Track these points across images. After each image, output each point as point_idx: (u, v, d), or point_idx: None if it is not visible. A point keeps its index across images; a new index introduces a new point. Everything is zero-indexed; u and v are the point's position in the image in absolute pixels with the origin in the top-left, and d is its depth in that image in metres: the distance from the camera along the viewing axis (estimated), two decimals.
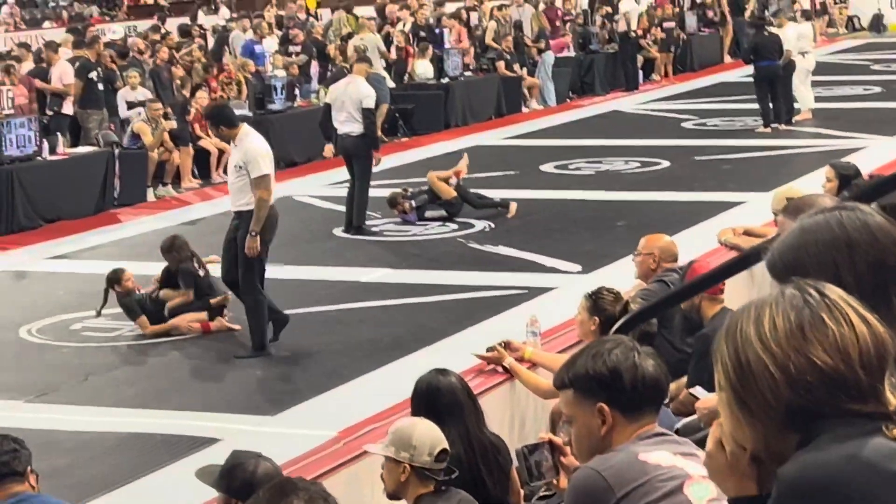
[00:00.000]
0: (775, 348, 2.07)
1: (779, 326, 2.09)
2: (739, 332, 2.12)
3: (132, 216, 17.97)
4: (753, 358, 2.08)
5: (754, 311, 2.13)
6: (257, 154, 11.67)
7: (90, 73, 20.19)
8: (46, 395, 10.78)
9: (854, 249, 2.37)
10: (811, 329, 2.08)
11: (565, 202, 17.24)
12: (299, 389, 10.56)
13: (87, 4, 38.55)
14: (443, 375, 6.75)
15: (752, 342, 2.09)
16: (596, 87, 28.04)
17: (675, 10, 31.45)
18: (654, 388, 3.55)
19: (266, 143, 12.10)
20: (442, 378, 6.71)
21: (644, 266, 8.93)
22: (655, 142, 21.42)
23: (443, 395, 6.60)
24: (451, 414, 6.52)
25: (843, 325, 2.07)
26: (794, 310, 2.10)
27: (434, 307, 12.70)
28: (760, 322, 2.10)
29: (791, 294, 2.13)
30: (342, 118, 15.97)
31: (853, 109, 24.00)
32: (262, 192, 11.55)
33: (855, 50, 34.32)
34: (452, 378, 6.73)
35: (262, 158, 11.66)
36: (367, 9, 30.52)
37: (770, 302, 2.13)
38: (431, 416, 6.24)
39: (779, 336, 2.08)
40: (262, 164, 11.61)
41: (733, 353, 2.11)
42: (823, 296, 2.11)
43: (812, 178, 16.05)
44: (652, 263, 8.84)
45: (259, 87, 21.29)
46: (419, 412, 6.51)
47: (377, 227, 16.31)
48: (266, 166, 11.63)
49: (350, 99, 15.95)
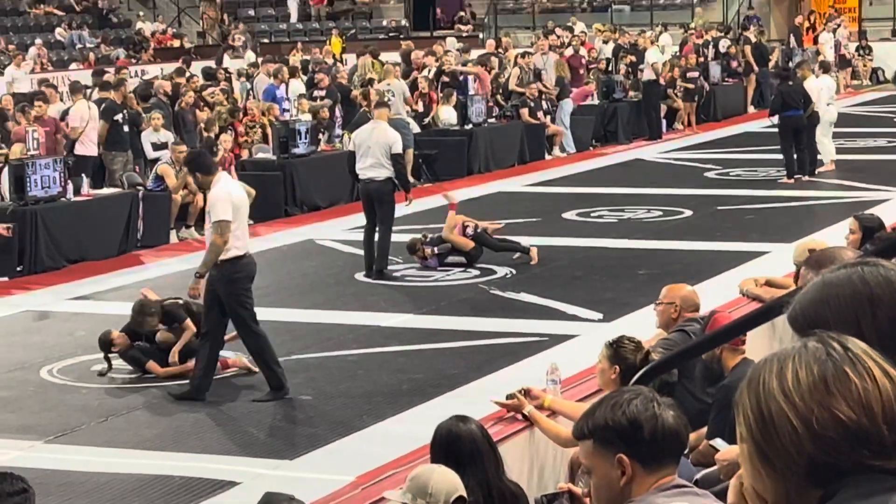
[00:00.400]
0: (798, 401, 2.06)
1: (802, 379, 2.07)
2: (762, 384, 2.10)
3: (155, 258, 18.03)
4: (776, 410, 2.07)
5: (777, 363, 2.11)
6: (217, 199, 11.53)
7: (116, 115, 20.29)
8: (66, 435, 10.79)
9: (876, 305, 2.36)
10: (835, 382, 2.06)
11: (587, 250, 17.23)
12: (318, 433, 10.55)
13: (114, 47, 38.79)
14: (463, 422, 6.73)
15: (775, 395, 2.07)
16: (619, 136, 28.08)
17: (699, 60, 31.49)
18: (673, 440, 3.54)
19: (234, 190, 11.79)
20: (462, 425, 6.69)
21: (665, 315, 8.91)
22: (678, 191, 21.42)
23: (463, 443, 6.58)
24: (470, 461, 6.50)
25: (866, 380, 2.06)
26: (818, 363, 2.08)
27: (455, 353, 12.69)
28: (783, 374, 2.09)
29: (814, 347, 2.11)
30: (368, 163, 15.99)
31: (876, 162, 23.97)
32: (216, 236, 11.44)
33: (879, 102, 34.31)
34: (472, 425, 6.71)
35: (221, 203, 11.47)
36: (391, 54, 30.65)
37: (793, 354, 2.11)
38: (451, 464, 6.23)
39: (802, 389, 2.06)
40: (219, 208, 11.46)
41: (755, 405, 2.10)
42: (847, 349, 2.10)
43: (834, 229, 16.03)
44: (673, 313, 8.83)
45: (283, 131, 21.36)
46: (439, 459, 6.49)
47: (399, 273, 16.32)
48: (224, 212, 11.42)
49: (377, 144, 15.99)
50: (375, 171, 16.00)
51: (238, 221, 11.56)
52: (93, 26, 40.55)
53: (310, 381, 11.95)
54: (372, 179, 16.05)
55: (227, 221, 11.41)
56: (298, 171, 20.99)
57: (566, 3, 43.04)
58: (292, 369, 12.36)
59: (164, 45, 40.03)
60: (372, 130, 16.25)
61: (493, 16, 43.14)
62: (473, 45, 33.39)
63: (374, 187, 16.06)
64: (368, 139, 16.10)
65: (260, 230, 19.81)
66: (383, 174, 15.98)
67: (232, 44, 37.47)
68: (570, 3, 43.10)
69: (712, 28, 36.21)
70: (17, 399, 11.78)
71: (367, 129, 16.44)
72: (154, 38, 40.21)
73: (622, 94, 28.72)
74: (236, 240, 11.53)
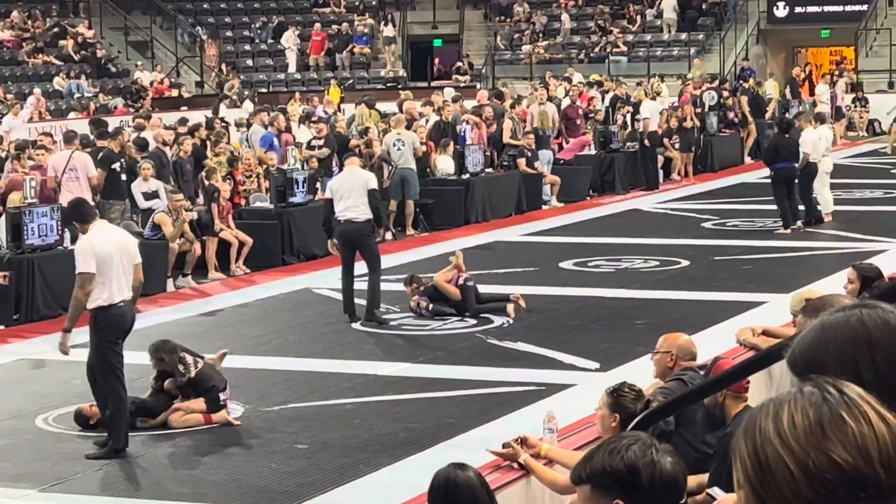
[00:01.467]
0: (794, 445, 2.06)
1: (798, 423, 2.07)
2: (758, 429, 2.10)
3: (152, 306, 18.00)
4: (772, 455, 2.07)
5: (773, 407, 2.11)
6: (78, 251, 11.47)
7: (113, 164, 20.28)
8: (61, 483, 10.75)
9: (875, 347, 2.36)
10: (831, 426, 2.06)
11: (584, 299, 17.24)
12: (314, 482, 10.51)
13: (112, 96, 38.91)
14: (461, 470, 6.68)
15: (771, 439, 2.07)
16: (616, 186, 28.13)
17: (695, 111, 31.62)
18: (671, 487, 3.52)
19: (100, 241, 11.48)
20: (460, 473, 6.64)
21: (662, 364, 8.89)
22: (675, 241, 21.45)
23: (461, 491, 6.53)
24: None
25: (862, 424, 2.06)
26: (813, 407, 2.08)
27: (451, 402, 12.67)
28: (779, 419, 2.09)
29: (809, 391, 2.11)
30: (347, 204, 16.14)
31: (873, 213, 24.03)
32: (76, 289, 11.34)
33: (875, 154, 34.41)
34: (471, 473, 6.67)
35: (82, 255, 11.33)
36: (389, 104, 30.74)
37: (789, 399, 2.11)
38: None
39: (798, 433, 2.06)
40: (79, 261, 11.34)
41: (752, 450, 2.10)
42: (843, 393, 2.10)
43: (831, 280, 16.04)
44: (669, 362, 8.81)
45: (280, 179, 21.40)
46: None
47: (395, 321, 16.30)
48: (83, 264, 11.28)
49: (355, 186, 16.21)
50: (354, 213, 16.13)
51: (106, 272, 11.29)
52: (91, 76, 40.69)
53: (306, 430, 11.93)
54: (351, 221, 16.15)
55: (87, 273, 11.24)
56: (296, 220, 21.01)
57: (563, 54, 43.23)
58: (289, 418, 12.35)
59: (162, 94, 40.15)
60: (348, 175, 16.48)
61: (491, 66, 43.32)
62: (470, 96, 33.49)
63: (354, 228, 16.16)
64: (346, 183, 16.34)
65: (257, 279, 19.83)
66: (363, 215, 16.11)
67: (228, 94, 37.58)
68: (568, 53, 43.29)
69: (708, 80, 36.36)
70: (13, 447, 11.75)
71: (343, 176, 16.75)
72: (152, 87, 40.34)
73: (619, 144, 28.80)
74: (103, 290, 11.29)
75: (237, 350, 15.29)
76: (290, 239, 20.95)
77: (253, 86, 42.57)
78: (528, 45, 43.86)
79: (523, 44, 44.21)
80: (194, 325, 16.86)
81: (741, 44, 42.53)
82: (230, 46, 46.10)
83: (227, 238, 20.12)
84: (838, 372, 2.27)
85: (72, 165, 19.73)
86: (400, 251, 21.09)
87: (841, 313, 2.43)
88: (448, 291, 16.46)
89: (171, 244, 18.99)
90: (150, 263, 18.67)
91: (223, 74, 43.54)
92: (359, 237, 16.17)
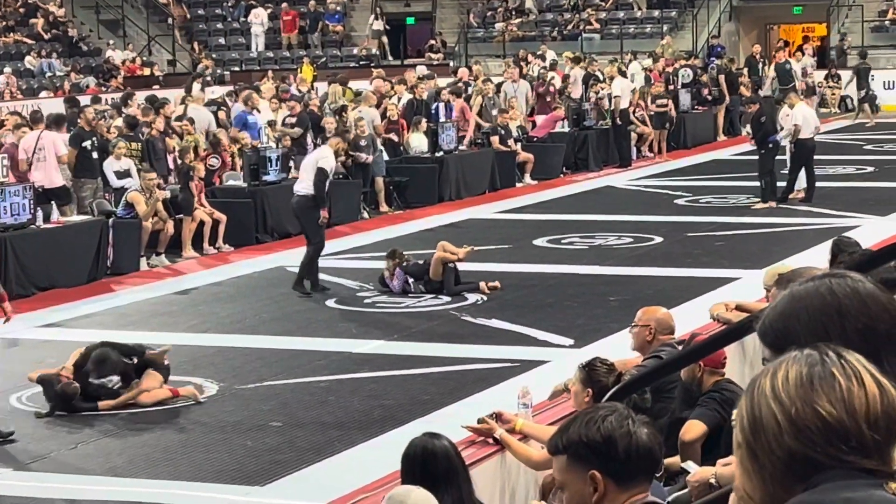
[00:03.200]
0: (784, 398, 2.13)
1: (790, 378, 2.15)
2: (756, 387, 2.18)
3: (125, 285, 17.98)
4: (765, 407, 2.15)
5: (772, 368, 2.19)
6: None
7: (83, 142, 20.19)
8: (36, 462, 10.74)
9: (844, 316, 2.38)
10: (820, 382, 2.13)
11: (558, 276, 17.27)
12: (289, 460, 10.53)
13: (84, 75, 38.72)
14: (437, 439, 6.67)
15: (766, 394, 2.15)
16: (590, 163, 28.15)
17: (668, 88, 31.64)
18: (647, 457, 3.55)
19: None
20: (437, 442, 6.63)
21: (640, 338, 8.89)
22: (649, 218, 21.49)
23: (439, 460, 6.51)
24: (446, 480, 6.42)
25: (853, 381, 2.13)
26: (808, 366, 2.15)
27: (426, 379, 12.69)
28: (775, 376, 2.17)
29: (808, 353, 2.19)
30: (298, 179, 17.10)
31: (846, 189, 24.11)
32: None
33: (847, 130, 34.52)
34: (445, 442, 6.67)
35: None
36: (362, 82, 30.67)
37: (787, 359, 2.19)
38: (426, 482, 6.17)
39: (788, 386, 2.14)
40: None
41: (749, 406, 2.18)
42: (841, 356, 2.17)
43: (805, 256, 16.12)
44: (648, 335, 8.82)
45: (254, 158, 21.35)
46: (412, 477, 6.42)
47: (370, 300, 16.32)
48: None
49: (308, 163, 16.84)
50: (299, 187, 16.85)
51: None
52: (63, 54, 40.49)
53: (281, 408, 11.94)
54: (295, 194, 16.90)
55: None
56: (269, 199, 20.98)
57: (536, 32, 43.19)
58: (263, 396, 12.36)
59: (134, 73, 39.98)
60: (312, 152, 17.23)
61: (464, 44, 43.25)
62: (444, 74, 33.42)
63: (295, 201, 16.90)
64: (306, 159, 17.19)
65: (230, 257, 19.81)
66: (305, 190, 16.66)
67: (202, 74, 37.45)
68: (541, 31, 43.25)
69: (681, 57, 36.36)
70: None
71: (310, 153, 17.31)
72: (124, 66, 40.17)
73: (592, 122, 28.81)
74: None
75: (211, 329, 15.29)
76: (264, 217, 20.93)
77: (225, 64, 42.41)
78: (501, 22, 43.81)
79: (496, 21, 44.16)
80: (168, 303, 16.85)
81: (714, 21, 42.55)
82: (202, 25, 45.91)
83: (200, 217, 20.07)
84: (809, 341, 2.29)
85: (40, 145, 19.64)
86: (374, 229, 21.09)
87: (810, 283, 2.45)
88: (434, 269, 16.45)
89: (144, 223, 18.94)
90: (123, 242, 18.73)
91: (195, 53, 43.37)
92: (298, 210, 16.91)
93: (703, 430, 7.80)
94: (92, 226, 18.48)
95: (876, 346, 2.35)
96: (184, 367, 13.37)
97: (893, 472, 2.10)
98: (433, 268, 16.42)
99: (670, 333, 8.90)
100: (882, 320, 2.38)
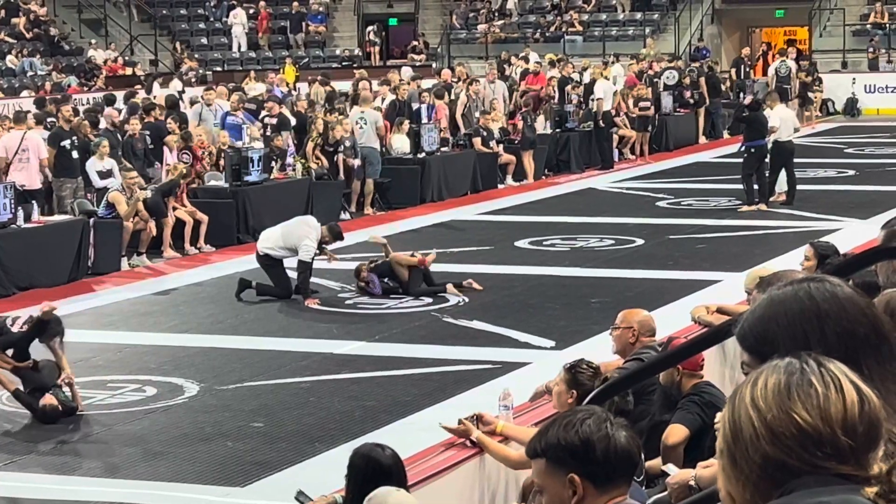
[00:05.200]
0: (762, 405, 2.15)
1: (769, 386, 2.16)
2: (738, 394, 2.21)
3: (106, 285, 17.94)
4: (744, 414, 2.17)
5: (755, 375, 2.21)
6: None
7: (62, 142, 20.14)
8: (15, 462, 10.71)
9: (824, 320, 2.39)
10: (797, 389, 2.15)
11: (540, 278, 17.27)
12: (270, 461, 10.51)
13: (66, 74, 38.63)
14: (382, 449, 6.68)
15: (745, 401, 2.17)
16: (571, 165, 28.17)
17: (650, 90, 31.68)
18: (625, 460, 3.55)
19: None
20: (383, 452, 6.63)
21: (622, 340, 8.87)
22: (630, 220, 21.51)
23: (383, 470, 6.50)
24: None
25: (830, 390, 2.14)
26: (787, 374, 2.17)
27: (407, 380, 12.69)
28: (756, 384, 2.18)
29: (789, 361, 2.20)
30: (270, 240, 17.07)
31: (827, 192, 24.16)
32: None
33: (829, 133, 34.60)
34: (389, 452, 6.67)
35: None
36: (344, 83, 30.66)
37: (769, 368, 2.21)
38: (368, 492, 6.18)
39: (767, 394, 2.16)
40: None
41: (730, 413, 2.20)
42: (820, 365, 2.18)
43: (786, 259, 16.14)
44: (631, 337, 8.80)
45: (235, 158, 21.32)
46: (355, 486, 6.45)
47: (351, 300, 16.31)
48: None
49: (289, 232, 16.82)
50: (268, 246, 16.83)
51: None
52: (44, 54, 40.38)
53: (262, 409, 11.92)
54: (259, 251, 17.03)
55: None
56: (251, 199, 20.97)
57: (519, 34, 43.21)
58: (244, 396, 12.34)
59: (116, 73, 39.90)
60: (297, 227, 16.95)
61: (447, 45, 43.27)
62: (427, 75, 33.42)
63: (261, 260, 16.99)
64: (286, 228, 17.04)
65: (212, 257, 19.78)
66: (272, 251, 16.76)
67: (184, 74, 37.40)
68: (523, 33, 43.27)
69: (663, 59, 36.41)
70: None
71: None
72: (106, 65, 40.08)
73: (574, 124, 28.84)
74: None
75: (192, 329, 15.27)
76: (246, 217, 20.90)
77: (207, 64, 42.35)
78: (484, 24, 43.83)
79: (479, 23, 44.18)
80: (149, 303, 16.82)
81: (696, 23, 42.64)
82: (184, 24, 45.83)
83: (181, 217, 20.03)
84: (788, 346, 2.30)
85: (24, 146, 19.59)
86: (356, 230, 21.06)
87: (789, 287, 2.46)
88: (400, 271, 16.47)
89: (125, 223, 18.89)
90: (104, 242, 18.68)
91: (177, 53, 43.30)
92: (264, 268, 16.89)
93: (686, 433, 7.81)
94: (73, 226, 18.43)
95: (855, 350, 2.36)
96: (164, 368, 13.36)
97: (870, 477, 2.11)
98: (397, 270, 16.45)
99: (652, 336, 8.91)
100: (860, 324, 2.39)
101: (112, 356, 14.07)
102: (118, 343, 14.62)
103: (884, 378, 2.34)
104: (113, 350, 14.35)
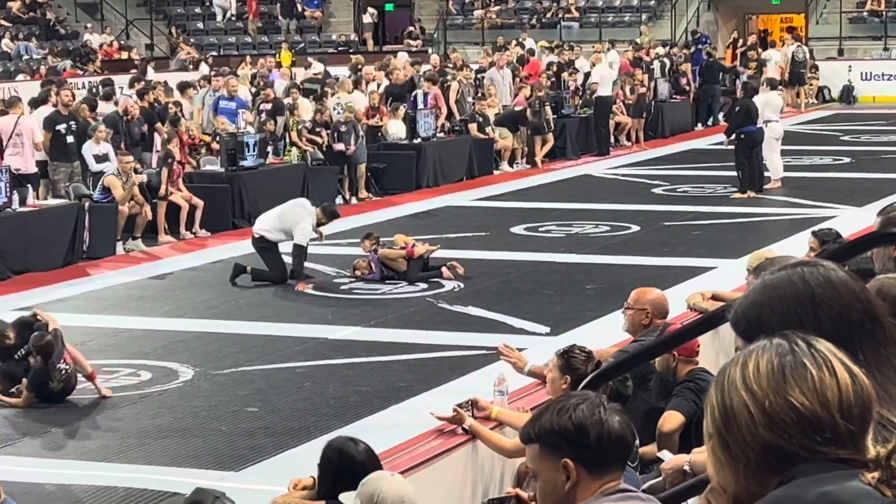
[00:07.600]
0: (756, 389, 2.12)
1: (761, 369, 2.13)
2: (727, 377, 2.17)
3: (101, 269, 17.93)
4: (736, 399, 2.13)
5: (742, 357, 2.18)
6: None
7: (58, 126, 20.10)
8: (9, 446, 10.71)
9: (818, 305, 2.38)
10: (792, 372, 2.12)
11: (535, 264, 17.27)
12: (264, 446, 10.52)
13: (61, 58, 38.55)
14: (355, 444, 6.67)
15: (737, 384, 2.14)
16: (568, 151, 28.15)
17: (645, 77, 31.63)
18: (619, 445, 3.55)
19: None
20: (356, 447, 6.62)
21: (636, 320, 8.73)
22: (626, 206, 21.50)
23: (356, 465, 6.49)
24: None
25: (824, 371, 2.12)
26: (778, 355, 2.14)
27: (402, 366, 12.69)
28: (746, 366, 2.15)
29: (778, 342, 2.18)
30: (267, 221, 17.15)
31: (823, 179, 24.16)
32: None
33: (825, 121, 34.57)
34: (363, 447, 6.66)
35: None
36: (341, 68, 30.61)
37: (757, 349, 2.18)
38: (341, 485, 6.17)
39: (760, 377, 2.13)
40: None
41: (719, 396, 2.16)
42: (810, 345, 2.16)
43: (781, 245, 16.14)
44: (644, 319, 8.66)
45: (231, 143, 21.29)
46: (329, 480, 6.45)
47: (346, 286, 16.30)
48: None
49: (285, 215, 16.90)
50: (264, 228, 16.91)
51: None
52: (40, 38, 40.30)
53: (257, 393, 11.93)
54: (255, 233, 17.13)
55: None
56: (246, 184, 20.95)
57: (515, 20, 43.15)
58: (239, 381, 12.34)
59: (112, 57, 39.82)
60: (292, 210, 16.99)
61: (443, 31, 43.21)
62: (423, 60, 33.38)
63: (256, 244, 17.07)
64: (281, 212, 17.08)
65: (208, 242, 19.77)
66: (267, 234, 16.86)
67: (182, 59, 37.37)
68: (520, 19, 43.22)
69: (659, 45, 36.38)
70: None
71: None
72: (101, 49, 40.00)
73: (570, 110, 28.81)
74: None
75: (187, 314, 15.26)
76: (241, 202, 20.88)
77: (204, 49, 42.27)
78: (480, 9, 43.78)
79: (475, 9, 44.12)
80: (144, 288, 16.81)
81: (692, 10, 42.59)
82: (180, 9, 45.76)
83: (177, 201, 20.01)
84: (782, 330, 2.29)
85: (18, 130, 19.56)
86: (352, 215, 21.04)
87: (783, 272, 2.45)
88: (395, 264, 16.46)
89: (120, 207, 18.88)
90: (100, 226, 18.66)
91: (173, 38, 43.23)
92: (258, 252, 16.91)
93: (681, 420, 7.80)
94: (68, 209, 18.41)
95: (849, 335, 2.35)
96: (159, 352, 13.36)
97: (868, 462, 2.10)
98: (392, 264, 16.43)
99: (664, 317, 8.80)
100: (855, 308, 2.38)
101: (107, 340, 14.06)
102: (113, 327, 14.61)
103: (879, 363, 2.33)
104: (108, 334, 14.34)
